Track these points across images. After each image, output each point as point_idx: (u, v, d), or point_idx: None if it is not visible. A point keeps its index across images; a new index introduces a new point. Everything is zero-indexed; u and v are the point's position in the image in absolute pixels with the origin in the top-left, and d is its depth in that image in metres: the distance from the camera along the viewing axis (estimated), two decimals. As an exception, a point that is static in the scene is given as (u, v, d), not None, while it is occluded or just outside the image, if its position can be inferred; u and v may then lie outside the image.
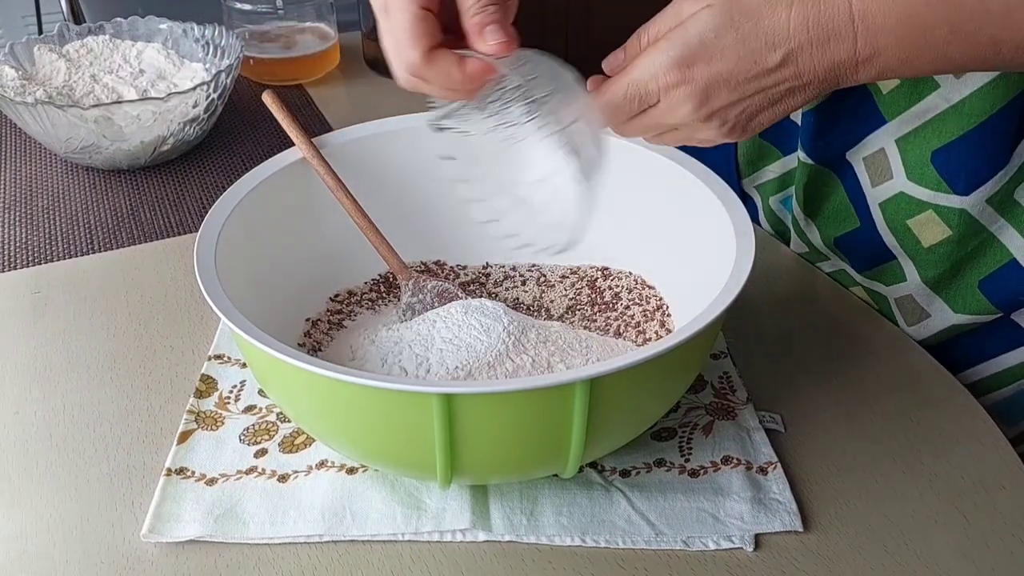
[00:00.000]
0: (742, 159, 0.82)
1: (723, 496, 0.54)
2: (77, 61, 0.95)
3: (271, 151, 0.62)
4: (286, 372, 0.48)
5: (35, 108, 0.81)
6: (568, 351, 0.55)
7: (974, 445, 0.58)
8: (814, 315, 0.70)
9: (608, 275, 0.66)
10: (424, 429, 0.45)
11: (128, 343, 0.67)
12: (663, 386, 0.51)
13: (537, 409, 0.46)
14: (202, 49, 0.98)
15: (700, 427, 0.58)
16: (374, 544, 0.52)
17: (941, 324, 0.69)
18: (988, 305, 0.66)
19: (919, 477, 0.56)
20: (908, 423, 0.60)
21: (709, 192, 0.58)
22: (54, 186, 0.88)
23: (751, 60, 0.47)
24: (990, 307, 0.66)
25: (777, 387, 0.62)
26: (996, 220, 0.64)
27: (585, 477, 0.55)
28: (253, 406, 0.61)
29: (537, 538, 0.52)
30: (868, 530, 0.53)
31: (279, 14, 1.08)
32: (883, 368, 0.64)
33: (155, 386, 0.63)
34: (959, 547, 0.52)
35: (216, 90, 0.88)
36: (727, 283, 0.49)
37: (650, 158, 0.62)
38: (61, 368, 0.64)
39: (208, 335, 0.67)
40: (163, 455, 0.57)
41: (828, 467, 0.56)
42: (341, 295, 0.65)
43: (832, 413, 0.60)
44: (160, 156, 0.90)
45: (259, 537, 0.52)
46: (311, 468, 0.56)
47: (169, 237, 0.80)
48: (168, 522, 0.52)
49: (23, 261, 0.77)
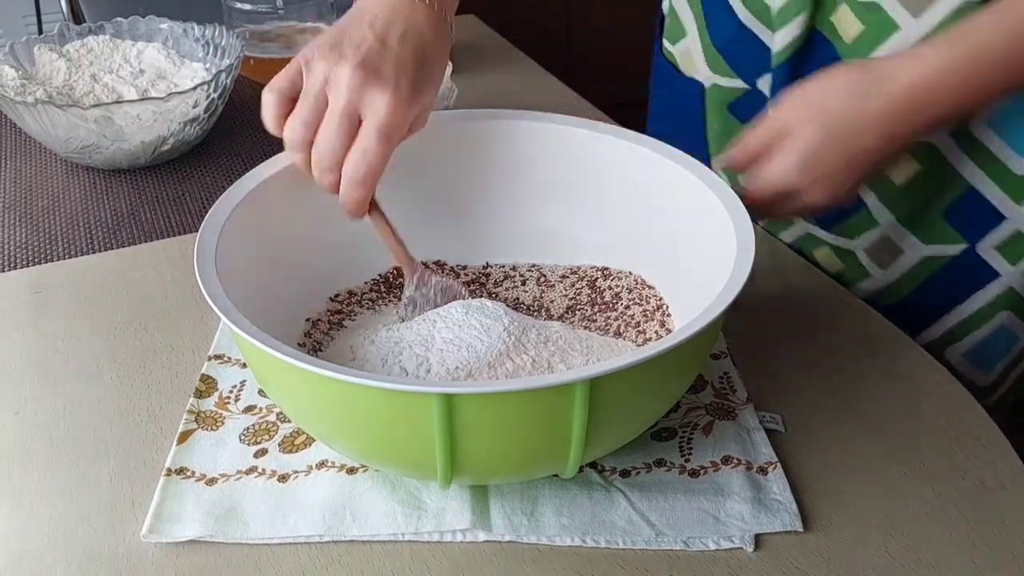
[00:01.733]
0: (711, 134, 0.84)
1: (723, 496, 0.54)
2: (77, 61, 0.95)
3: (271, 151, 0.62)
4: (286, 372, 0.48)
5: (35, 108, 0.81)
6: (568, 351, 0.55)
7: (974, 445, 0.58)
8: (814, 315, 0.70)
9: (608, 275, 0.66)
10: (424, 429, 0.45)
11: (128, 343, 0.67)
12: (663, 386, 0.51)
13: (537, 409, 0.46)
14: (202, 49, 0.98)
15: (700, 427, 0.58)
16: (374, 544, 0.52)
17: (914, 258, 0.75)
18: (954, 234, 0.73)
19: (919, 477, 0.56)
20: (908, 423, 0.60)
21: (710, 192, 0.58)
22: (54, 186, 0.88)
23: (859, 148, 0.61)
24: (956, 236, 0.73)
25: (777, 387, 0.62)
26: (955, 152, 0.70)
27: (585, 477, 0.55)
28: (253, 406, 0.61)
29: (537, 538, 0.52)
30: (868, 530, 0.53)
31: (279, 14, 1.08)
32: (883, 368, 0.64)
33: (155, 386, 0.63)
34: (959, 547, 0.52)
35: (216, 90, 0.88)
36: (727, 283, 0.49)
37: (650, 158, 0.63)
38: (61, 368, 0.64)
39: (208, 335, 0.67)
40: (163, 455, 0.57)
41: (828, 467, 0.56)
42: (341, 295, 0.65)
43: (832, 413, 0.60)
44: (160, 156, 0.90)
45: (259, 537, 0.52)
46: (311, 468, 0.56)
47: (169, 237, 0.80)
48: (168, 522, 0.52)
49: (23, 261, 0.77)
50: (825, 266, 0.80)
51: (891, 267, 0.76)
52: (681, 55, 0.87)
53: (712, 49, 0.82)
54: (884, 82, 0.60)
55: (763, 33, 0.76)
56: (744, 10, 0.77)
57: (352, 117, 0.55)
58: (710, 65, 0.82)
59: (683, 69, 0.87)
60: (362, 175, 0.55)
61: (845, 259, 0.78)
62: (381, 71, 0.55)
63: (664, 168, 0.62)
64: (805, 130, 0.61)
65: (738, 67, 0.80)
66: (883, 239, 0.76)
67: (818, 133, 0.61)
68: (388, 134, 0.55)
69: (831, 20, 0.71)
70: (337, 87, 0.54)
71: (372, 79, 0.54)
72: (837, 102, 0.61)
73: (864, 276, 0.78)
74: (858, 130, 0.60)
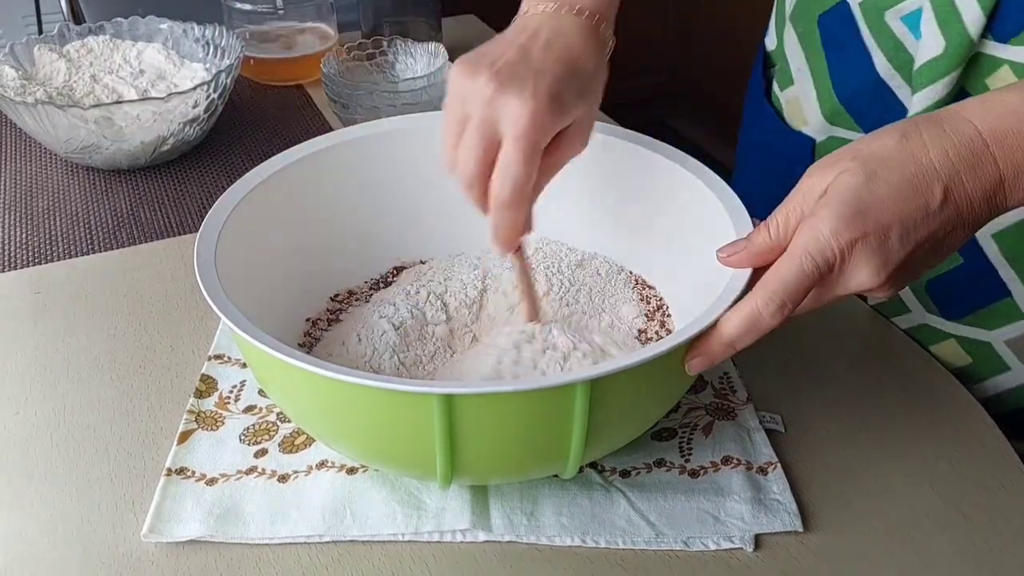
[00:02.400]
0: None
1: (723, 496, 0.54)
2: (77, 61, 0.95)
3: (271, 151, 0.62)
4: (286, 372, 0.48)
5: (35, 108, 0.81)
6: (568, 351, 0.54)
7: (974, 445, 0.58)
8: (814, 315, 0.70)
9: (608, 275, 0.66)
10: (424, 429, 0.45)
11: (128, 343, 0.67)
12: (663, 387, 0.51)
13: (537, 409, 0.46)
14: (202, 49, 0.98)
15: (700, 427, 0.58)
16: (374, 544, 0.52)
17: None
18: None
19: (919, 477, 0.56)
20: (908, 423, 0.60)
21: (709, 193, 0.58)
22: (54, 186, 0.88)
23: (916, 203, 0.45)
24: None
25: (777, 387, 0.62)
26: None
27: (585, 477, 0.55)
28: (253, 406, 0.61)
29: (537, 538, 0.52)
30: (868, 530, 0.52)
31: (279, 14, 1.08)
32: (883, 368, 0.64)
33: (155, 386, 0.63)
34: (959, 547, 0.52)
35: (216, 90, 0.88)
36: (727, 283, 0.49)
37: (650, 158, 0.62)
38: (61, 368, 0.64)
39: (208, 335, 0.67)
40: (163, 455, 0.57)
41: (828, 467, 0.56)
42: (341, 295, 0.65)
43: (832, 413, 0.60)
44: (160, 156, 0.90)
45: (259, 537, 0.52)
46: (311, 468, 0.56)
47: (169, 237, 0.80)
48: (168, 522, 0.52)
49: (23, 261, 0.77)
50: (947, 363, 0.68)
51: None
52: (788, 103, 0.78)
53: (833, 100, 0.72)
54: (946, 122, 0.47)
55: (901, 89, 0.66)
56: (884, 62, 0.66)
57: (488, 128, 0.50)
58: (828, 117, 0.73)
59: (788, 120, 0.77)
60: (508, 193, 0.50)
61: (978, 353, 0.68)
62: (517, 79, 0.50)
63: (664, 168, 0.62)
64: (841, 179, 0.46)
65: (865, 123, 0.70)
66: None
67: (857, 172, 0.46)
68: (527, 144, 0.49)
69: (986, 83, 0.61)
70: (472, 100, 0.51)
71: (507, 87, 0.50)
72: (875, 145, 0.47)
73: (1001, 370, 0.68)
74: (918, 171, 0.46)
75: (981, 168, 0.46)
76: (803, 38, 0.75)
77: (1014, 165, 0.46)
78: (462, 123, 0.51)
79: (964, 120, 0.46)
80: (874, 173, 0.45)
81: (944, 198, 0.45)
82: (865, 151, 0.47)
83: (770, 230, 0.48)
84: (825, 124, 0.73)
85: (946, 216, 0.46)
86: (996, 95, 0.47)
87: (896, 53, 0.66)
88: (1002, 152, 0.46)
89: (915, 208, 0.45)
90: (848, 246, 0.45)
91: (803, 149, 0.75)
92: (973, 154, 0.46)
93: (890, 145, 0.46)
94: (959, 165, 0.46)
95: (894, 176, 0.45)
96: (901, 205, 0.45)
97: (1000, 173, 0.46)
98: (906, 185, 0.45)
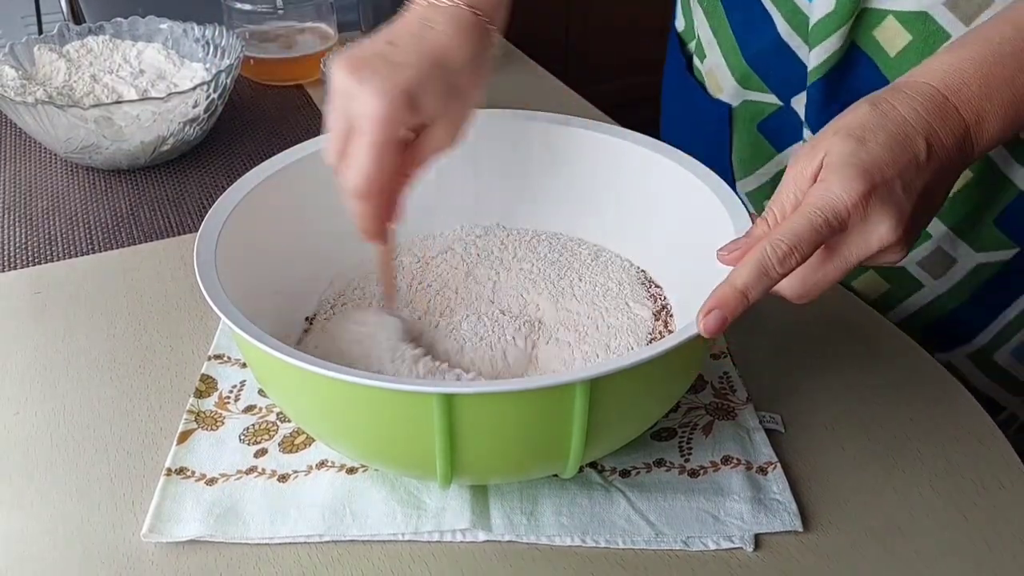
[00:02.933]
0: (735, 158, 0.81)
1: (723, 496, 0.54)
2: (77, 61, 0.95)
3: (271, 151, 0.62)
4: (286, 372, 0.48)
5: (35, 108, 0.81)
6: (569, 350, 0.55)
7: (974, 445, 0.58)
8: (814, 315, 0.70)
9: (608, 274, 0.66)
10: (424, 429, 0.45)
11: (128, 343, 0.67)
12: (663, 386, 0.51)
13: (537, 409, 0.46)
14: (202, 49, 0.98)
15: (700, 427, 0.58)
16: (374, 544, 0.52)
17: (967, 267, 0.72)
18: (1006, 240, 0.70)
19: (919, 476, 0.56)
20: (908, 423, 0.60)
21: (710, 193, 0.58)
22: (54, 186, 0.88)
23: (908, 156, 0.47)
24: (1007, 241, 0.70)
25: (777, 387, 0.62)
26: (1007, 159, 0.67)
27: (585, 477, 0.55)
28: (253, 406, 0.61)
29: (537, 538, 0.52)
30: (868, 530, 0.53)
31: (279, 14, 1.08)
32: (883, 367, 0.64)
33: (155, 386, 0.63)
34: (959, 547, 0.52)
35: (216, 90, 0.88)
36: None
37: (651, 159, 0.62)
38: (61, 368, 0.64)
39: (208, 335, 0.67)
40: (163, 455, 0.57)
41: (828, 467, 0.56)
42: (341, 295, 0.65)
43: (832, 413, 0.60)
44: (160, 156, 0.90)
45: (259, 537, 0.52)
46: (311, 468, 0.56)
47: (169, 237, 0.80)
48: (168, 522, 0.52)
49: (23, 261, 0.77)
50: (866, 293, 0.74)
51: (943, 278, 0.73)
52: (708, 74, 0.83)
53: (743, 64, 0.77)
54: (905, 87, 0.50)
55: (800, 49, 0.72)
56: (784, 23, 0.72)
57: (346, 121, 0.52)
58: (740, 81, 0.78)
59: (709, 90, 0.83)
60: (355, 185, 0.51)
61: (894, 277, 0.74)
62: (375, 74, 0.51)
63: (664, 168, 0.62)
64: (832, 151, 0.47)
65: (772, 83, 0.76)
66: (936, 250, 0.72)
67: (846, 140, 0.47)
68: (372, 140, 0.50)
69: (873, 35, 0.67)
70: (336, 92, 0.52)
71: (363, 81, 0.50)
72: (849, 117, 0.49)
73: (915, 290, 0.75)
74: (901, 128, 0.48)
75: (949, 119, 0.49)
76: (708, 14, 0.80)
77: (973, 112, 0.49)
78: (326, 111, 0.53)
79: (920, 83, 0.50)
80: (862, 138, 0.47)
81: (928, 150, 0.48)
82: (843, 124, 0.48)
83: (767, 221, 0.48)
84: (739, 89, 0.79)
85: (933, 168, 0.48)
86: (934, 60, 0.51)
87: (793, 15, 0.71)
88: (960, 102, 0.49)
89: (908, 161, 0.47)
90: (862, 200, 0.46)
91: (722, 114, 0.82)
92: (938, 107, 0.49)
93: (864, 113, 0.49)
94: (931, 118, 0.48)
95: (881, 136, 0.47)
96: (897, 159, 0.47)
97: (964, 122, 0.49)
98: (894, 142, 0.47)
